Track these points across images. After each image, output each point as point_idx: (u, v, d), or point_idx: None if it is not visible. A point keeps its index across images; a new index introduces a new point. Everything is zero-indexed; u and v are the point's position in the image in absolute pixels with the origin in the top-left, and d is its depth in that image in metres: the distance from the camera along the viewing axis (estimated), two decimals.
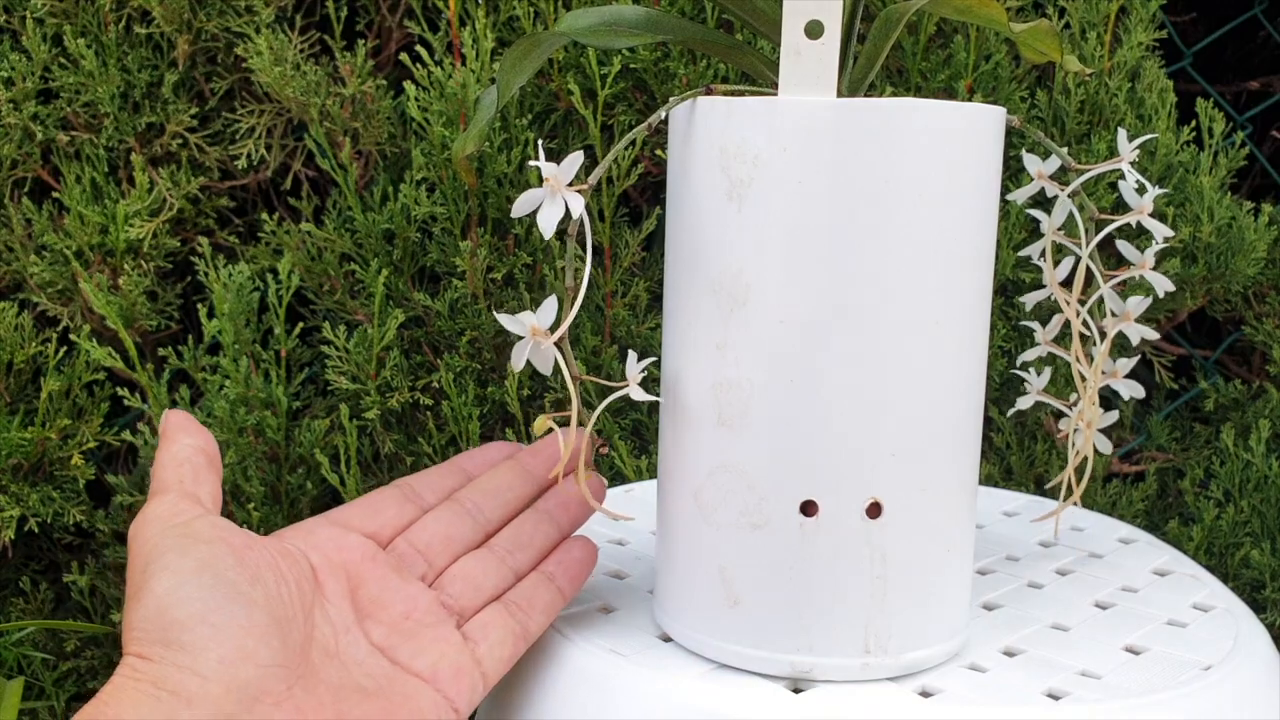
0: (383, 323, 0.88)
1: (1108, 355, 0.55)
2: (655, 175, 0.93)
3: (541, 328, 0.45)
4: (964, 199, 0.44)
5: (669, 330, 0.48)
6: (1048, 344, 0.58)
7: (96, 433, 0.92)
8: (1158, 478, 0.96)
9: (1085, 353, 0.56)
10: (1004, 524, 0.66)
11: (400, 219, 0.89)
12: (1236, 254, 0.90)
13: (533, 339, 0.45)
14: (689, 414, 0.47)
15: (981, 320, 0.47)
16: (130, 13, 0.89)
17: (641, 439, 0.93)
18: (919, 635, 0.46)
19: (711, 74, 0.88)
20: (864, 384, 0.43)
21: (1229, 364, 1.07)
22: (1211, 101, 0.93)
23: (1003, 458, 0.94)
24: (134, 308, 0.91)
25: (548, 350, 0.45)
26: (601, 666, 0.47)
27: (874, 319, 0.43)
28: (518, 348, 0.45)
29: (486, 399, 0.90)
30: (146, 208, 0.91)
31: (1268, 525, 0.91)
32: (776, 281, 0.43)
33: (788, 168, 0.42)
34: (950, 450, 0.46)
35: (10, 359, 0.90)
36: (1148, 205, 0.54)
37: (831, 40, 0.43)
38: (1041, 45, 0.52)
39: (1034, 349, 0.59)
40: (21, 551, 0.97)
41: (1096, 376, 0.55)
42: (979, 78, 0.89)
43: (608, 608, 0.53)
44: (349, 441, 0.87)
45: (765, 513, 0.45)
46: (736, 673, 0.46)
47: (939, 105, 0.43)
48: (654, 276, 0.93)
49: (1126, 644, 0.51)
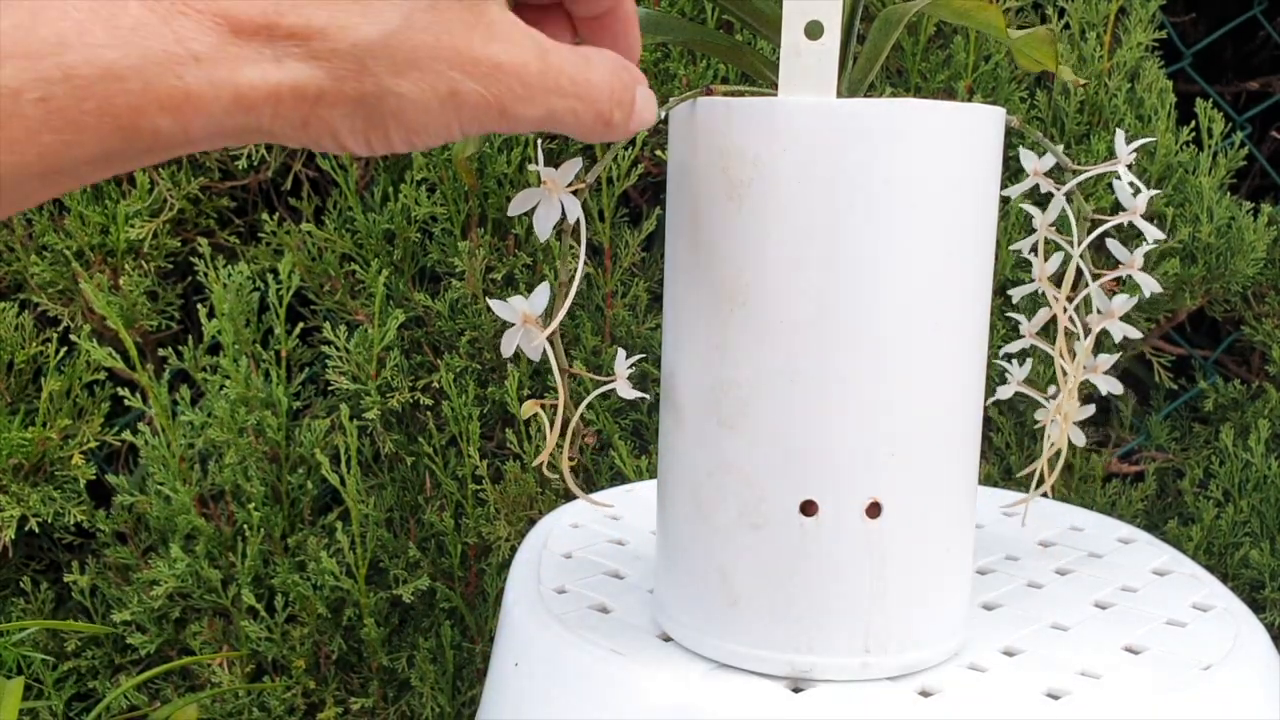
0: (383, 323, 0.88)
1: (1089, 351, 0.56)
2: (655, 175, 0.93)
3: (533, 314, 0.45)
4: (963, 199, 0.44)
5: (669, 330, 0.48)
6: (1031, 336, 0.59)
7: (97, 433, 0.92)
8: (1157, 478, 0.97)
9: (1069, 348, 0.56)
10: (1004, 524, 0.66)
11: (400, 219, 0.89)
12: (1236, 254, 0.90)
13: (524, 326, 0.45)
14: (689, 414, 0.47)
15: (981, 320, 0.47)
16: None
17: (641, 439, 0.93)
18: (918, 635, 0.46)
19: (711, 74, 0.88)
20: (863, 384, 0.43)
21: (1228, 364, 1.07)
22: (1211, 102, 0.93)
23: (1002, 458, 0.94)
24: (134, 308, 0.91)
25: (536, 336, 0.45)
26: (601, 666, 0.48)
27: (873, 319, 0.43)
28: (508, 334, 0.45)
29: (486, 399, 0.90)
30: (147, 208, 0.91)
31: (1267, 525, 0.91)
32: (776, 281, 0.43)
33: (787, 168, 0.42)
34: (950, 450, 0.46)
35: (11, 359, 0.90)
36: (1141, 207, 0.54)
37: (831, 40, 0.43)
38: (1038, 54, 0.51)
39: (1018, 341, 0.59)
40: (22, 551, 0.97)
41: (1078, 371, 0.55)
42: (978, 78, 0.89)
43: (607, 608, 0.53)
44: (349, 441, 0.87)
45: (765, 513, 0.45)
46: (736, 672, 0.46)
47: (939, 106, 0.43)
48: (654, 276, 0.93)
49: (1126, 644, 0.51)
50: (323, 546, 0.90)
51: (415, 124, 0.34)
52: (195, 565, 0.89)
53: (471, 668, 0.93)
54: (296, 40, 0.32)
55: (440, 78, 0.34)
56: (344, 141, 0.34)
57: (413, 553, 0.90)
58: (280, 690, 0.91)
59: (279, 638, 0.90)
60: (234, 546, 0.91)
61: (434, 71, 0.34)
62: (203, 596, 0.90)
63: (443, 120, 0.35)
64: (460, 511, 0.91)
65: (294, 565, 0.90)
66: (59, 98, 0.28)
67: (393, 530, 0.92)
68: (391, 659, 0.92)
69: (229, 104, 0.31)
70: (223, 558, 0.91)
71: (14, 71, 0.27)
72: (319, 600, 0.89)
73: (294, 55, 0.32)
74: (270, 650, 0.91)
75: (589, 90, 0.37)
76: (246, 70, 0.31)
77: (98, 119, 0.29)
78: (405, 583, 0.90)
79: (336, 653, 0.92)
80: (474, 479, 0.90)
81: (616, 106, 0.38)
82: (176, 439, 0.90)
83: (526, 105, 0.36)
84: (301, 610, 0.90)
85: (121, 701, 0.92)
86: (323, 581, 0.89)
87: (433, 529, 0.92)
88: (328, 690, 0.92)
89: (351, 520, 0.89)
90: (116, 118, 0.29)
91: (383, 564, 0.91)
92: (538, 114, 0.36)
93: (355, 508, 0.88)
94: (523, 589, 0.55)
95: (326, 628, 0.91)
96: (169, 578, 0.88)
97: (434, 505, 0.91)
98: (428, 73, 0.34)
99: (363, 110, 0.33)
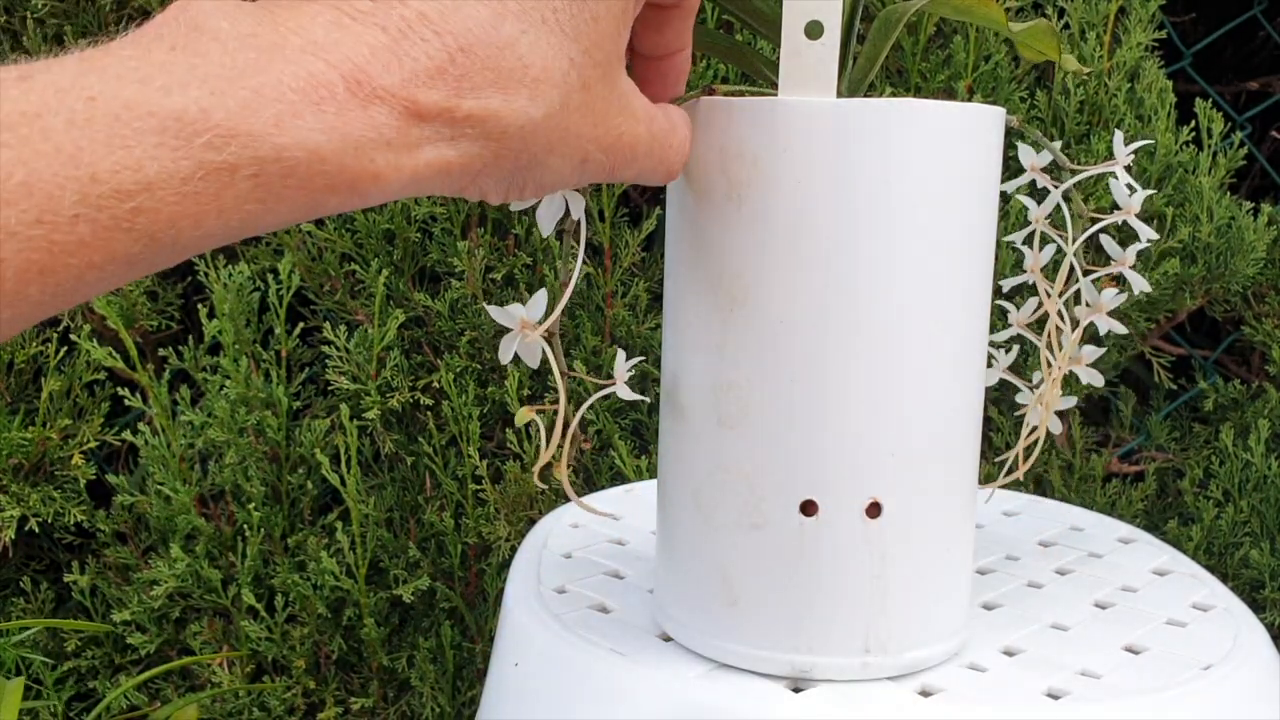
0: (383, 323, 0.88)
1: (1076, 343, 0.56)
2: None
3: (530, 320, 0.45)
4: (963, 199, 0.44)
5: (669, 330, 0.48)
6: (1020, 326, 0.59)
7: (97, 433, 0.92)
8: (1157, 478, 0.97)
9: (1058, 342, 0.56)
10: (1004, 524, 0.66)
11: (400, 219, 0.89)
12: (1236, 254, 0.90)
13: (521, 332, 0.45)
14: (689, 414, 0.47)
15: (981, 320, 0.47)
16: (130, 13, 0.89)
17: (641, 439, 0.93)
18: (919, 635, 0.46)
19: (711, 74, 0.88)
20: (863, 384, 0.43)
21: (1228, 364, 1.07)
22: (1211, 102, 0.93)
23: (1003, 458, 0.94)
24: (134, 308, 0.91)
25: (535, 344, 0.45)
26: (601, 666, 0.48)
27: (873, 319, 0.43)
28: (505, 340, 0.45)
29: (486, 399, 0.90)
30: None
31: (1267, 525, 0.91)
32: (776, 281, 0.43)
33: (788, 168, 0.42)
34: (950, 450, 0.46)
35: (11, 359, 0.90)
36: (1135, 206, 0.54)
37: (831, 40, 0.43)
38: (1040, 45, 0.52)
39: (1005, 330, 0.59)
40: (22, 551, 0.97)
41: (1064, 361, 0.55)
42: (978, 78, 0.89)
43: (607, 608, 0.53)
44: (349, 441, 0.87)
45: (765, 513, 0.45)
46: (736, 672, 0.46)
47: (939, 105, 0.43)
48: (654, 276, 0.93)
49: (1126, 644, 0.51)
50: (323, 546, 0.90)
51: (548, 184, 0.39)
52: (195, 565, 0.89)
53: (471, 668, 0.93)
54: (473, 123, 0.34)
55: (579, 150, 0.38)
56: (487, 197, 0.38)
57: (413, 553, 0.90)
58: (280, 690, 0.91)
59: (279, 638, 0.90)
60: (234, 546, 0.91)
61: (577, 145, 0.38)
62: (203, 596, 0.90)
63: (569, 181, 0.39)
64: (460, 511, 0.91)
65: (294, 565, 0.90)
66: (268, 175, 0.31)
67: (393, 530, 0.92)
68: (391, 659, 0.92)
69: (406, 181, 0.34)
70: (223, 558, 0.91)
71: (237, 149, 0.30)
72: (319, 600, 0.89)
73: (468, 136, 0.35)
74: (270, 650, 0.91)
75: (672, 153, 0.42)
76: (426, 151, 0.34)
77: (295, 193, 0.32)
78: (405, 583, 0.90)
79: (336, 653, 0.92)
80: (474, 479, 0.90)
81: (680, 160, 0.43)
82: (176, 439, 0.90)
83: (628, 168, 0.41)
84: (301, 610, 0.90)
85: (121, 701, 0.92)
86: (323, 581, 0.89)
87: (433, 529, 0.92)
88: (328, 690, 0.92)
89: (351, 520, 0.89)
90: (312, 194, 0.32)
91: (383, 564, 0.91)
92: (633, 174, 0.41)
93: (355, 508, 0.88)
94: (523, 589, 0.55)
95: (326, 628, 0.91)
96: (169, 578, 0.88)
97: (434, 505, 0.91)
98: (573, 147, 0.38)
99: (515, 177, 0.37)
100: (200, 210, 0.30)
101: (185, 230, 0.30)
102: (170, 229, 0.30)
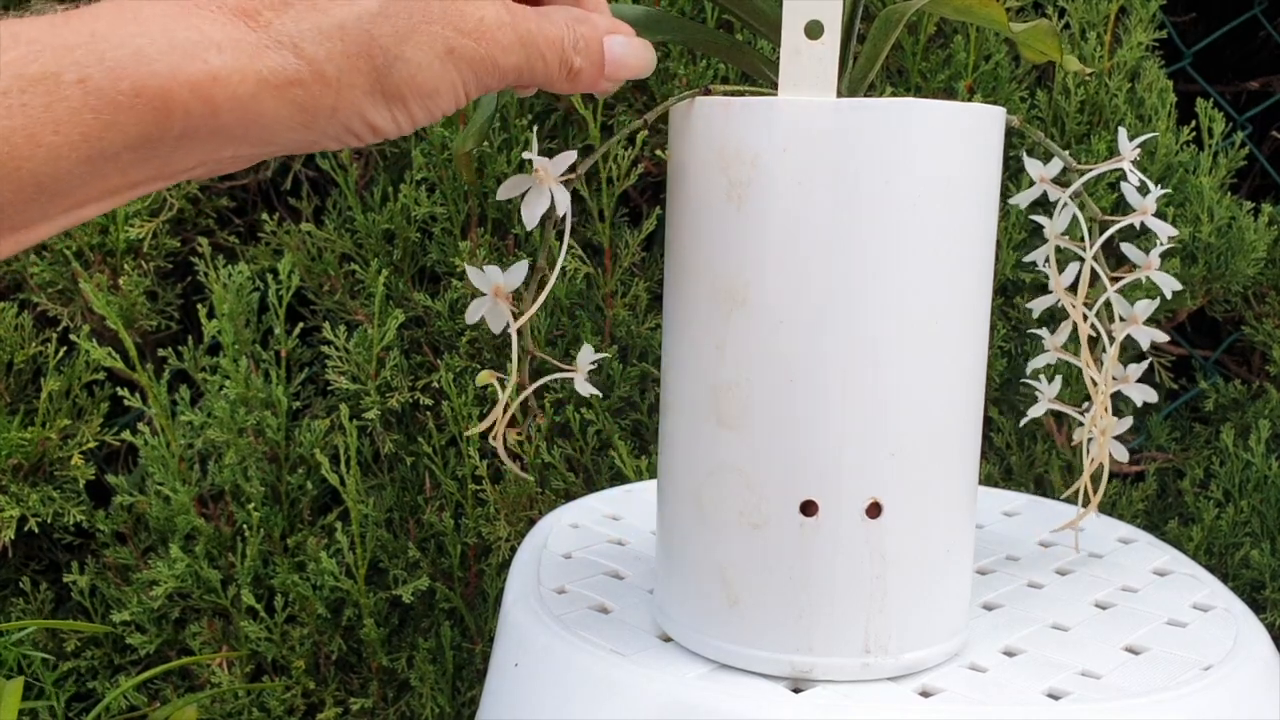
0: (383, 323, 0.88)
1: (1116, 360, 0.55)
2: (655, 175, 0.93)
3: (505, 288, 0.45)
4: (963, 199, 0.44)
5: (669, 330, 0.48)
6: (1056, 350, 0.58)
7: (96, 433, 0.92)
8: (1158, 478, 0.96)
9: (1095, 357, 0.55)
10: (1004, 524, 0.66)
11: (400, 219, 0.89)
12: (1236, 254, 0.90)
13: (494, 299, 0.45)
14: (689, 414, 0.47)
15: (981, 320, 0.47)
16: None
17: (641, 439, 0.93)
18: (919, 635, 0.46)
19: (711, 74, 0.88)
20: (863, 384, 0.43)
21: (1229, 364, 1.07)
22: (1211, 101, 0.93)
23: (1003, 458, 0.94)
24: (134, 308, 0.91)
25: (503, 310, 0.46)
26: (601, 666, 0.47)
27: (873, 319, 0.43)
28: (475, 303, 0.46)
29: (486, 399, 0.90)
30: (146, 208, 0.91)
31: (1267, 525, 0.91)
32: (776, 281, 0.43)
33: (787, 168, 0.42)
34: (950, 450, 0.46)
35: (10, 359, 0.90)
36: (1150, 205, 0.53)
37: (831, 40, 0.43)
38: (1041, 45, 0.52)
39: (1042, 355, 0.59)
40: (21, 551, 0.97)
41: (1107, 383, 0.55)
42: (979, 78, 0.89)
43: (607, 608, 0.53)
44: (349, 441, 0.87)
45: (765, 512, 0.45)
46: (736, 673, 0.46)
47: (939, 105, 0.43)
48: (654, 276, 0.93)
49: (1126, 644, 0.51)
50: (322, 547, 0.90)
51: (427, 87, 0.38)
52: (195, 565, 0.89)
53: (471, 668, 0.93)
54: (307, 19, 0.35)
55: (436, 38, 0.37)
56: (373, 119, 0.37)
57: (412, 553, 0.90)
58: (280, 690, 0.91)
59: (279, 638, 0.90)
60: (233, 547, 0.91)
61: (429, 33, 0.37)
62: (202, 597, 0.90)
63: (448, 79, 0.38)
64: (460, 511, 0.91)
65: (294, 565, 0.90)
66: (96, 78, 0.31)
67: (392, 530, 0.92)
68: (391, 659, 0.92)
69: (254, 87, 0.34)
70: (222, 558, 0.91)
71: (52, 57, 0.30)
72: (319, 600, 0.89)
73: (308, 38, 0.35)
74: (270, 650, 0.91)
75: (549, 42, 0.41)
76: (268, 57, 0.34)
77: (132, 99, 0.32)
78: (405, 583, 0.90)
79: (336, 653, 0.92)
80: (474, 479, 0.90)
81: (577, 54, 0.42)
82: (176, 439, 0.90)
83: (509, 55, 0.39)
84: (301, 610, 0.90)
85: (121, 701, 0.92)
86: (322, 582, 0.89)
87: (432, 529, 0.92)
88: (327, 690, 0.92)
89: (351, 520, 0.89)
90: (150, 98, 0.32)
91: (382, 564, 0.91)
92: (517, 61, 0.40)
93: (355, 508, 0.88)
94: (522, 589, 0.55)
95: (326, 628, 0.91)
96: (168, 578, 0.88)
97: (434, 505, 0.91)
98: (424, 35, 0.37)
99: (380, 84, 0.36)
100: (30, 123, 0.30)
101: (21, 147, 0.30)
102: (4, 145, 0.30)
